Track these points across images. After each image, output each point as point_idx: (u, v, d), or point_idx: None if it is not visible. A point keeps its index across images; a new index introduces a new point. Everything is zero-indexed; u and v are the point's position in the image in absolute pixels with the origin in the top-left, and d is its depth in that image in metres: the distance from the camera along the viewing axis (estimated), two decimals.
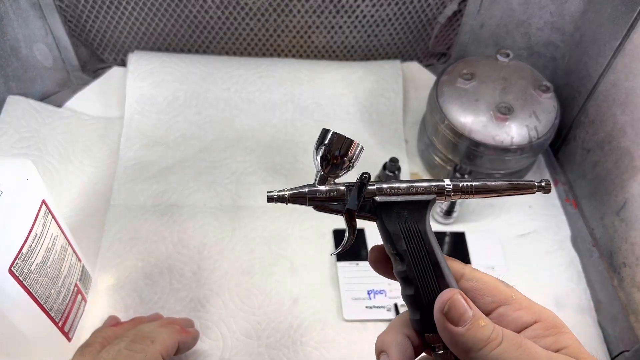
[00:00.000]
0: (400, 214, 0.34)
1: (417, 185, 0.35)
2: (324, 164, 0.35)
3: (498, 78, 0.68)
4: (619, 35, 0.64)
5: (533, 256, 0.67)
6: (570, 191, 0.75)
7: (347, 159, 0.35)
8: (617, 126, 0.65)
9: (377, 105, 0.79)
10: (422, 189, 0.35)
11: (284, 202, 0.36)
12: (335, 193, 0.35)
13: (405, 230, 0.34)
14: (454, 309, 0.31)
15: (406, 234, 0.34)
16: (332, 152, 0.35)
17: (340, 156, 0.35)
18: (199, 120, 0.76)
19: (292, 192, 0.35)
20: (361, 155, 0.36)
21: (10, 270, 0.42)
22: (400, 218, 0.34)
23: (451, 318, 0.31)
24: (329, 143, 0.35)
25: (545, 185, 0.36)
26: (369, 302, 0.61)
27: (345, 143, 0.35)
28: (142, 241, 0.65)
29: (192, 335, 0.54)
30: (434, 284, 0.33)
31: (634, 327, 0.61)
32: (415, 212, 0.34)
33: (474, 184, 0.36)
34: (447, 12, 0.79)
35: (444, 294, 0.32)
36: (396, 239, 0.34)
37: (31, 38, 0.73)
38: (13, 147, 0.69)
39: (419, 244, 0.34)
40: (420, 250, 0.34)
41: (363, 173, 0.35)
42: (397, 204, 0.35)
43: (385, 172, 0.67)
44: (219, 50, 0.83)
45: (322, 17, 0.78)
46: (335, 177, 0.36)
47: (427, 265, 0.33)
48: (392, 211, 0.35)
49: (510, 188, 0.36)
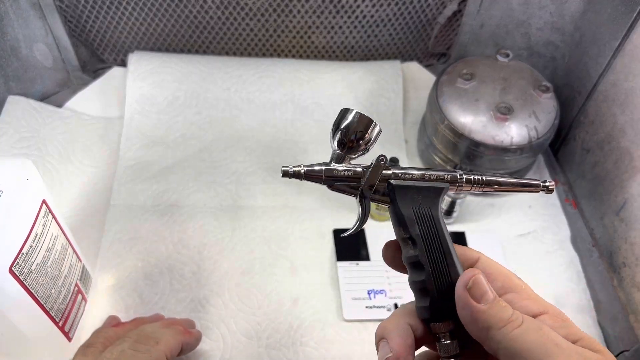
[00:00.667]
0: (414, 198, 0.35)
1: (431, 173, 0.36)
2: (342, 142, 0.35)
3: (498, 78, 0.68)
4: (618, 35, 0.64)
5: (533, 256, 0.67)
6: (570, 191, 0.75)
7: (365, 140, 0.35)
8: (617, 126, 0.65)
9: (377, 105, 0.79)
10: (436, 177, 0.36)
11: (298, 178, 0.35)
12: (351, 173, 0.35)
13: (418, 214, 0.34)
14: (476, 287, 0.31)
15: (419, 219, 0.34)
16: (353, 131, 0.35)
17: (359, 137, 0.35)
18: (199, 120, 0.76)
19: (309, 168, 0.35)
20: (379, 137, 0.36)
21: (10, 270, 0.42)
22: (415, 202, 0.35)
23: (473, 295, 0.31)
24: (351, 122, 0.35)
25: (549, 186, 0.37)
26: (369, 302, 0.61)
27: (366, 123, 0.35)
28: (142, 241, 0.65)
29: (195, 336, 0.54)
30: (444, 270, 0.33)
31: (633, 327, 0.61)
32: (429, 197, 0.35)
33: (484, 177, 0.36)
34: (447, 12, 0.79)
35: (466, 272, 0.32)
36: (410, 222, 0.34)
37: (31, 38, 0.73)
38: (13, 147, 0.69)
39: (431, 229, 0.34)
40: (433, 236, 0.34)
41: (380, 155, 0.35)
42: (412, 189, 0.35)
43: None
44: (219, 50, 0.83)
45: (322, 17, 0.78)
46: (352, 157, 0.36)
47: (439, 251, 0.34)
48: (407, 195, 0.35)
49: (518, 185, 0.37)
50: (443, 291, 0.33)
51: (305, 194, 0.70)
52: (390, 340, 0.32)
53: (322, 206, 0.70)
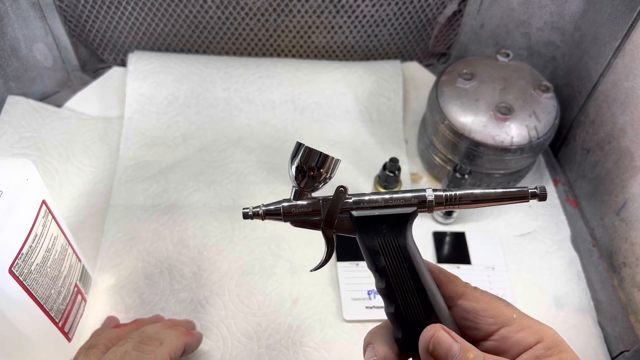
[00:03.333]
0: (378, 228, 0.33)
1: (397, 197, 0.33)
2: (299, 177, 0.34)
3: (498, 78, 0.68)
4: (619, 35, 0.64)
5: (533, 256, 0.67)
6: (570, 191, 0.75)
7: (323, 171, 0.33)
8: (617, 126, 0.65)
9: (377, 105, 0.79)
10: (402, 201, 0.33)
11: (259, 219, 0.35)
12: (311, 208, 0.34)
13: (384, 245, 0.32)
14: (439, 346, 0.30)
15: (385, 250, 0.32)
16: (307, 165, 0.33)
17: (316, 168, 0.33)
18: (198, 120, 0.76)
19: (267, 208, 0.34)
20: (337, 167, 0.34)
21: (10, 270, 0.42)
22: (379, 233, 0.33)
23: (437, 356, 0.30)
24: (302, 156, 0.33)
25: (539, 193, 0.33)
26: (369, 302, 0.61)
27: (319, 156, 0.33)
28: (142, 241, 0.65)
29: (197, 337, 0.54)
30: (415, 301, 0.32)
31: (634, 327, 0.61)
32: (395, 226, 0.33)
33: (458, 193, 0.33)
34: (447, 12, 0.79)
35: (426, 331, 0.30)
36: (374, 255, 0.32)
37: (31, 38, 0.73)
38: (13, 147, 0.69)
39: (398, 259, 0.32)
40: (400, 267, 0.32)
41: (339, 186, 0.34)
42: (375, 218, 0.33)
43: (385, 172, 0.67)
44: (219, 50, 0.83)
45: (322, 17, 0.78)
46: (311, 191, 0.34)
47: (407, 282, 0.32)
48: (370, 226, 0.33)
49: (501, 197, 0.33)
50: (414, 323, 0.31)
51: None
52: (376, 346, 0.32)
53: None
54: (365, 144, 0.77)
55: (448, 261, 0.66)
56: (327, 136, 0.77)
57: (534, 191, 0.32)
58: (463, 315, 0.33)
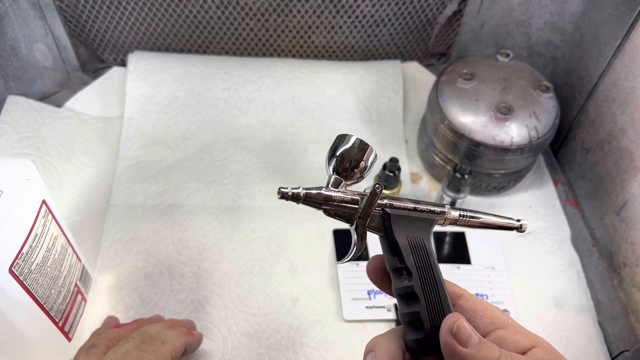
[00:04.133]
0: (409, 228, 0.35)
1: (422, 207, 0.36)
2: (338, 169, 0.35)
3: (498, 78, 0.68)
4: (619, 35, 0.64)
5: (533, 256, 0.67)
6: (570, 191, 0.75)
7: (361, 168, 0.35)
8: (617, 126, 0.65)
9: (377, 105, 0.79)
10: (427, 210, 0.36)
11: (296, 201, 0.34)
12: (349, 198, 0.35)
13: (413, 244, 0.34)
14: (461, 332, 0.31)
15: (414, 249, 0.34)
16: (349, 158, 0.34)
17: (355, 165, 0.34)
18: (198, 120, 0.76)
19: (308, 191, 0.34)
20: (375, 163, 0.35)
21: (10, 270, 0.42)
22: (409, 232, 0.34)
23: (460, 340, 0.31)
24: (351, 147, 0.34)
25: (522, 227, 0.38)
26: (369, 302, 0.61)
27: (364, 149, 0.34)
28: (142, 241, 0.65)
29: (197, 337, 0.54)
30: (438, 303, 0.33)
31: (634, 327, 0.61)
32: (422, 228, 0.35)
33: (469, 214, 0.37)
34: (447, 12, 0.79)
35: (449, 317, 0.31)
36: (405, 252, 0.34)
37: (31, 38, 0.73)
38: (13, 147, 0.69)
39: (425, 259, 0.34)
40: (427, 267, 0.33)
41: (376, 183, 0.35)
42: (407, 218, 0.35)
43: (385, 172, 0.67)
44: (219, 50, 0.83)
45: (322, 17, 0.78)
46: (347, 183, 0.35)
47: (432, 283, 0.33)
48: (402, 225, 0.35)
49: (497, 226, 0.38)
50: (436, 325, 0.32)
51: None
52: (378, 354, 0.33)
53: None
54: None
55: (448, 261, 0.66)
56: (327, 136, 0.77)
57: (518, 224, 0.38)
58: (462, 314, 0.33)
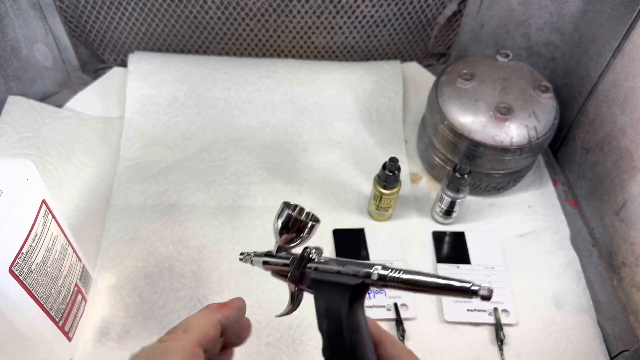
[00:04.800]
0: (329, 292, 0.34)
1: (347, 269, 0.34)
2: (280, 234, 0.38)
3: (498, 78, 0.68)
4: (618, 36, 0.64)
5: (533, 256, 0.67)
6: (569, 191, 0.75)
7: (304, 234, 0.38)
8: (616, 126, 0.65)
9: (377, 105, 0.80)
10: (351, 272, 0.33)
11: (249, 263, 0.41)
12: (281, 263, 0.38)
13: (328, 310, 0.33)
14: None
15: (327, 315, 0.33)
16: (288, 228, 0.38)
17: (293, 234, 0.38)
18: (198, 120, 0.76)
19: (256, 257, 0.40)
20: (316, 229, 0.39)
21: (10, 270, 0.42)
22: (328, 297, 0.33)
23: None
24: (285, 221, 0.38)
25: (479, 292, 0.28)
26: (368, 301, 0.61)
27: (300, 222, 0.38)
28: (142, 241, 0.65)
29: (232, 306, 0.39)
30: None
31: (633, 327, 0.61)
32: (340, 294, 0.33)
33: (402, 277, 0.31)
34: (447, 13, 0.79)
35: None
36: (319, 317, 0.34)
37: (31, 38, 0.73)
38: (13, 147, 0.69)
39: (335, 326, 0.33)
40: (337, 335, 0.33)
41: (305, 247, 0.36)
42: (326, 283, 0.34)
43: (385, 172, 0.67)
44: (219, 51, 0.83)
45: (322, 18, 0.79)
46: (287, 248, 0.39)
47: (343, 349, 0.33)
48: (322, 289, 0.34)
49: (444, 287, 0.29)
50: None
51: (305, 194, 0.70)
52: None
53: (322, 206, 0.70)
54: (365, 144, 0.77)
55: (447, 261, 0.66)
56: (327, 136, 0.77)
57: (476, 290, 0.28)
58: None
